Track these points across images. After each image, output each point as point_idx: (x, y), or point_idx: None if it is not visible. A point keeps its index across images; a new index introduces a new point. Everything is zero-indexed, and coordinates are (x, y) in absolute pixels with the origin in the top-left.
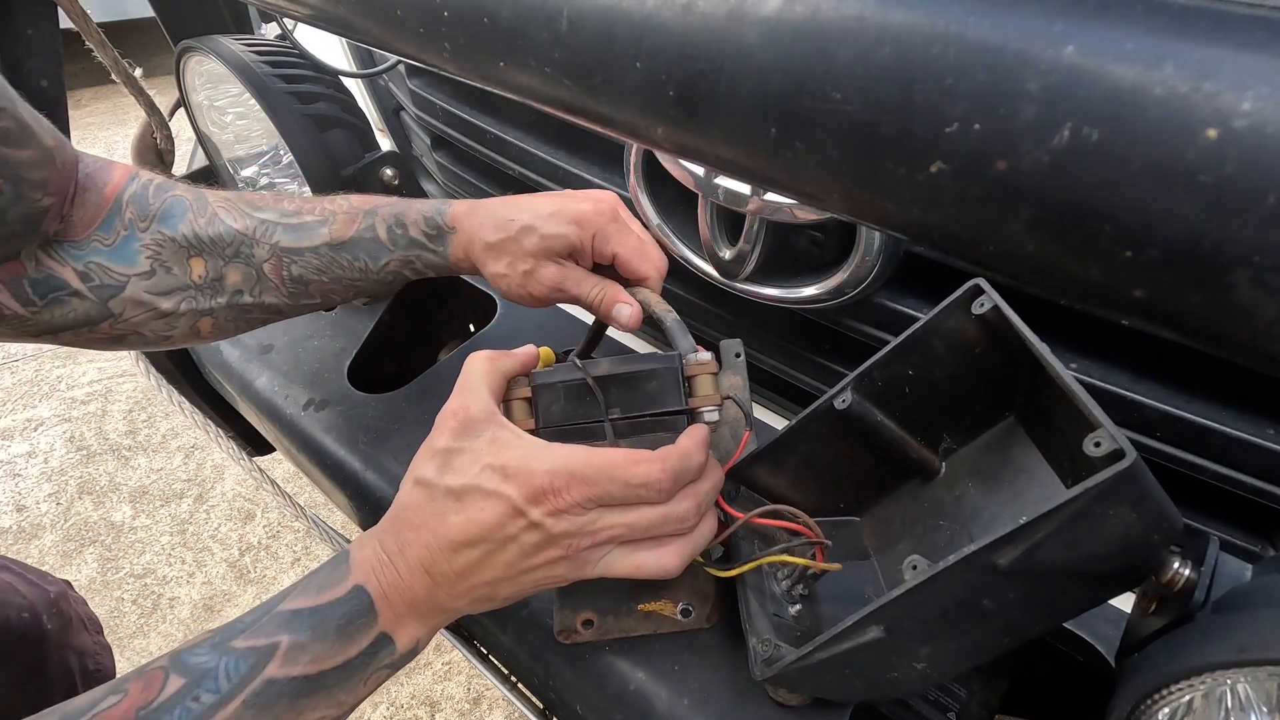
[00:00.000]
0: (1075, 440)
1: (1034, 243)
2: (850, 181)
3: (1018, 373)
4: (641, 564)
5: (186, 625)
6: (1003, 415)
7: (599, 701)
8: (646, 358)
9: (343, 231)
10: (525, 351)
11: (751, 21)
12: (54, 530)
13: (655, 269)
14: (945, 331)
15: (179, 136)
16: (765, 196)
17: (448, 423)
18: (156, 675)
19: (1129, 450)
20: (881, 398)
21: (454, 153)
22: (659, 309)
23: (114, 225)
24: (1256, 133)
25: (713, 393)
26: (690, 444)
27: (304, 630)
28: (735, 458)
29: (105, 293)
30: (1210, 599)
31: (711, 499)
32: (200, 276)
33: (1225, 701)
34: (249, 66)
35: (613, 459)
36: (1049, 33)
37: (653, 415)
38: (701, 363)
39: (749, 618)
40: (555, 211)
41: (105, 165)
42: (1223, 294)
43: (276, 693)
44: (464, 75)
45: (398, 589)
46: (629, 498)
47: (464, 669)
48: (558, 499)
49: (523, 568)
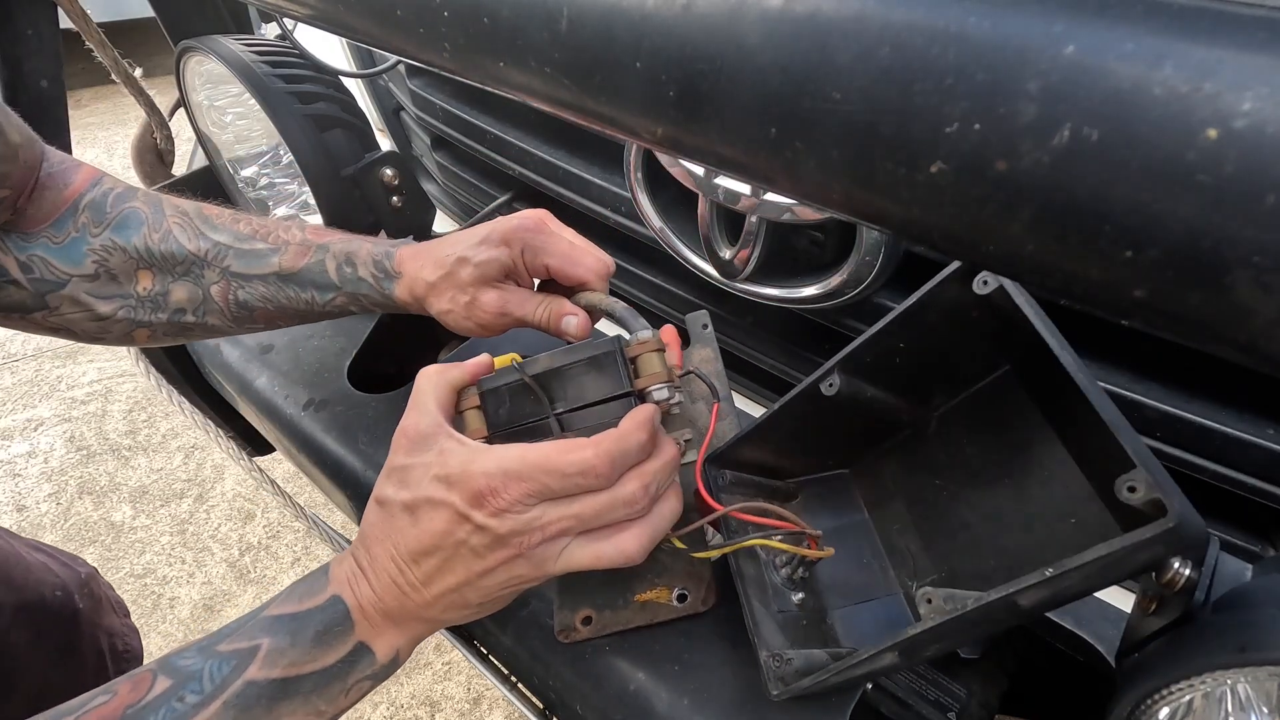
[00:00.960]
0: (1094, 428)
1: (1034, 243)
2: (850, 181)
3: (1018, 331)
4: (600, 554)
5: (186, 625)
6: (998, 366)
7: (599, 701)
8: (587, 345)
9: (293, 263)
10: (476, 361)
11: (751, 21)
12: (54, 530)
13: (591, 271)
14: (940, 305)
15: (179, 136)
16: (765, 196)
17: (400, 441)
18: (145, 677)
19: (1172, 507)
20: (871, 372)
21: (454, 153)
22: (605, 304)
23: (66, 226)
24: (1256, 133)
25: (660, 370)
26: (630, 425)
27: (284, 635)
28: (710, 432)
29: (44, 286)
30: (1210, 599)
31: (662, 479)
32: (146, 289)
33: (1225, 701)
34: (249, 66)
35: (545, 452)
36: (1049, 33)
37: (597, 403)
38: (643, 341)
39: (754, 624)
40: (484, 237)
41: (70, 166)
42: (1223, 294)
43: (256, 695)
44: (464, 75)
45: (370, 600)
46: (568, 488)
47: (464, 669)
48: (496, 499)
49: (480, 570)
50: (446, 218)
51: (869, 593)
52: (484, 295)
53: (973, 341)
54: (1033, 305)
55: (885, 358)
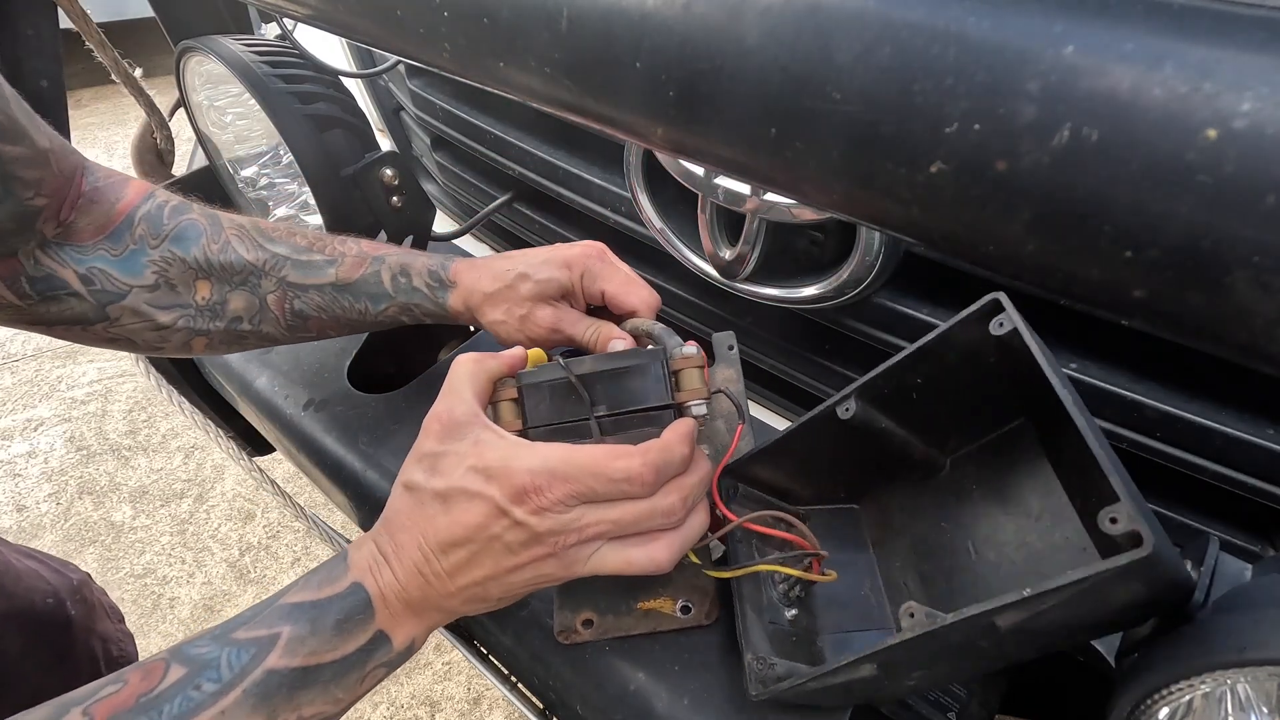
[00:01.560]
0: (1088, 467)
1: (1034, 243)
2: (850, 181)
3: (1035, 384)
4: (631, 560)
5: (186, 625)
6: (1015, 418)
7: (599, 702)
8: (632, 354)
9: (349, 274)
10: (512, 353)
11: (751, 21)
12: (54, 530)
13: (643, 302)
14: (960, 343)
15: (179, 136)
16: (765, 196)
17: (433, 426)
18: (157, 666)
19: (1147, 536)
20: (887, 403)
21: (454, 153)
22: (647, 325)
23: (124, 238)
24: (1256, 133)
25: (700, 386)
26: (673, 437)
27: (304, 623)
28: (730, 451)
29: (105, 298)
30: (1210, 599)
31: (699, 493)
32: (204, 298)
33: (1225, 701)
34: (249, 66)
35: (594, 455)
36: (1049, 33)
37: (639, 411)
38: (687, 356)
39: (744, 630)
40: (547, 259)
41: (120, 181)
42: (1223, 294)
43: (276, 683)
44: (464, 75)
45: (393, 589)
46: (611, 493)
47: (464, 669)
48: (540, 497)
49: (510, 566)
50: (446, 218)
51: (862, 623)
52: (540, 311)
53: (990, 387)
54: (1043, 349)
55: (903, 391)
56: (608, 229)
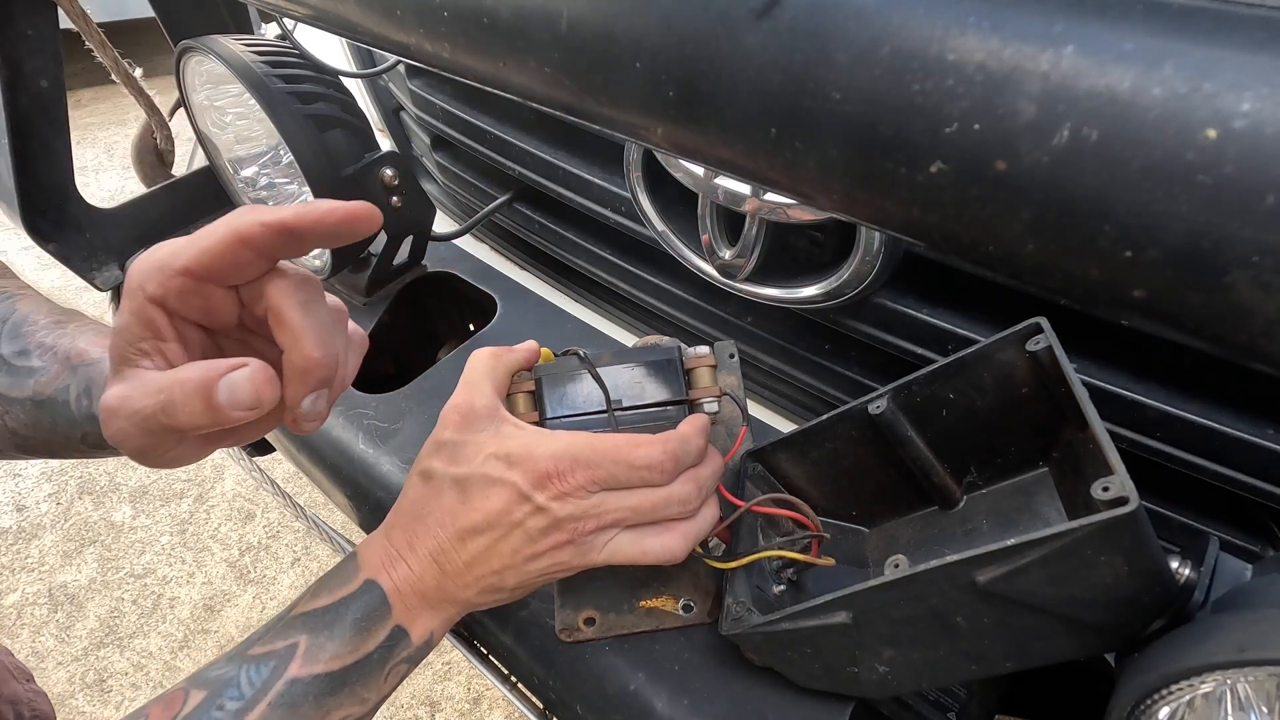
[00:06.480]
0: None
1: (1034, 243)
2: (850, 181)
3: (1061, 424)
4: (647, 548)
5: (186, 625)
6: (1036, 465)
7: (599, 701)
8: (647, 350)
9: (45, 387)
10: (527, 347)
11: (751, 21)
12: (54, 530)
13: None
14: (996, 363)
15: (179, 136)
16: (765, 196)
17: (451, 417)
18: (177, 695)
19: (1133, 499)
20: (917, 414)
21: (454, 153)
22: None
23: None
24: (1256, 133)
25: (711, 385)
26: (690, 429)
27: (321, 628)
28: (733, 452)
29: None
30: (1210, 599)
31: (712, 484)
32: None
33: (1225, 701)
34: (249, 66)
35: (615, 442)
36: (1049, 33)
37: (655, 406)
38: (700, 356)
39: (731, 580)
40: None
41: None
42: (1223, 294)
43: (302, 692)
44: (464, 75)
45: (409, 581)
46: (632, 480)
47: (464, 669)
48: (562, 482)
49: (529, 554)
50: (446, 218)
51: None
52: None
53: (1017, 421)
54: (1070, 370)
55: (934, 404)
56: (608, 228)
